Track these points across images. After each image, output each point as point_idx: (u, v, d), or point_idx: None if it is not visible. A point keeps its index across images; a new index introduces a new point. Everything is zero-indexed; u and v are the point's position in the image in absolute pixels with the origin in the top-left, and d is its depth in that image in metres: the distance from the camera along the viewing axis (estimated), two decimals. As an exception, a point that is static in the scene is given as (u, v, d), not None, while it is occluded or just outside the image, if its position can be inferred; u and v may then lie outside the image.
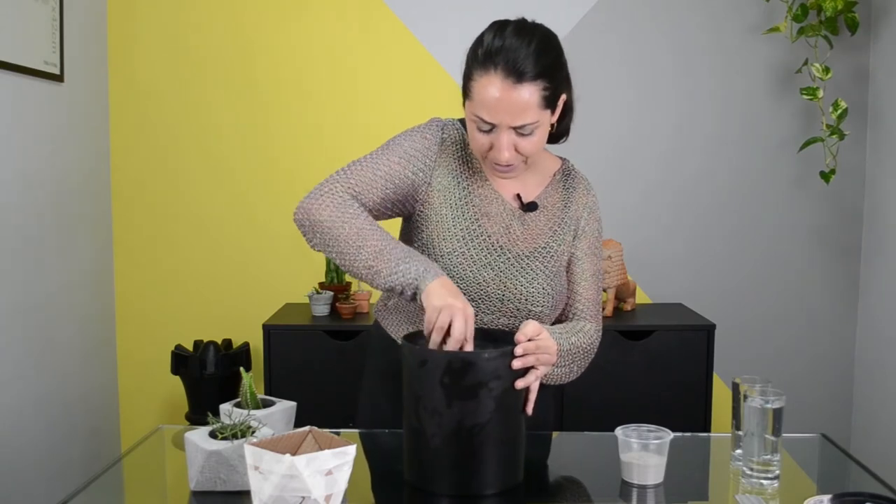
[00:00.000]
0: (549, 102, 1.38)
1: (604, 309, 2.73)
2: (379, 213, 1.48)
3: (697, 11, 2.92)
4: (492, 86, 1.34)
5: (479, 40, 1.39)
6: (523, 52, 1.34)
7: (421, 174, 1.47)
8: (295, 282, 2.99)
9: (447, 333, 1.28)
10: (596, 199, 1.59)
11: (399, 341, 1.52)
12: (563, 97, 1.43)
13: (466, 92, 1.40)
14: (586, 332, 1.50)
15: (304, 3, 2.94)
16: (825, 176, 2.77)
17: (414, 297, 1.34)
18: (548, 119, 1.40)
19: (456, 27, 2.87)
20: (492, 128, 1.38)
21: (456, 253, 1.45)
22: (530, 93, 1.34)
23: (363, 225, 1.37)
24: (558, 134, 1.53)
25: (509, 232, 1.49)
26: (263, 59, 2.96)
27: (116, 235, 3.03)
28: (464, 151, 1.51)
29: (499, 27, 1.39)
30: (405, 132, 1.51)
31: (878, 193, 2.87)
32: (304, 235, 1.43)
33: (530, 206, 1.51)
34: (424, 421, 1.26)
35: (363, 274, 1.37)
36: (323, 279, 2.93)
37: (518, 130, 1.37)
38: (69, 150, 2.70)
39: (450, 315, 1.28)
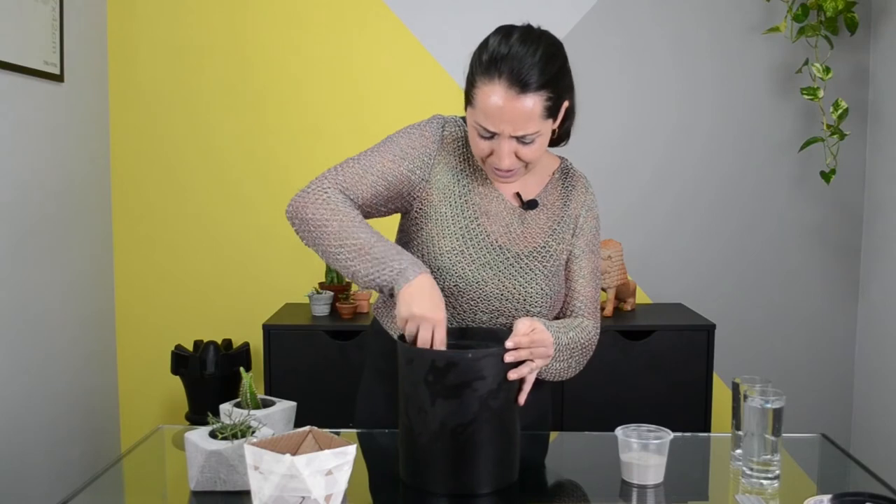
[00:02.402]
0: (552, 112, 1.37)
1: (604, 309, 2.73)
2: (372, 210, 1.47)
3: (697, 11, 2.92)
4: (495, 94, 1.32)
5: (484, 45, 1.37)
6: (528, 61, 1.31)
7: (418, 171, 1.46)
8: (295, 282, 2.99)
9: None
10: (594, 198, 1.58)
11: (395, 336, 1.52)
12: (566, 104, 1.42)
13: (469, 98, 1.38)
14: (584, 329, 1.49)
15: (304, 3, 2.94)
16: (825, 176, 2.77)
17: (392, 296, 1.34)
18: (549, 127, 1.40)
19: (456, 27, 2.87)
20: (493, 135, 1.36)
21: (455, 251, 1.44)
22: (534, 103, 1.33)
23: (346, 223, 1.36)
24: (559, 137, 1.51)
25: (509, 231, 1.48)
26: (263, 58, 2.96)
27: (116, 235, 3.03)
28: (465, 149, 1.50)
29: (505, 33, 1.36)
30: (404, 129, 1.50)
31: (878, 193, 2.86)
32: (296, 232, 1.42)
33: (531, 204, 1.49)
34: (413, 419, 1.27)
35: (345, 273, 1.38)
36: (323, 279, 2.93)
37: (519, 139, 1.36)
38: (69, 150, 2.70)
39: (416, 326, 1.29)
